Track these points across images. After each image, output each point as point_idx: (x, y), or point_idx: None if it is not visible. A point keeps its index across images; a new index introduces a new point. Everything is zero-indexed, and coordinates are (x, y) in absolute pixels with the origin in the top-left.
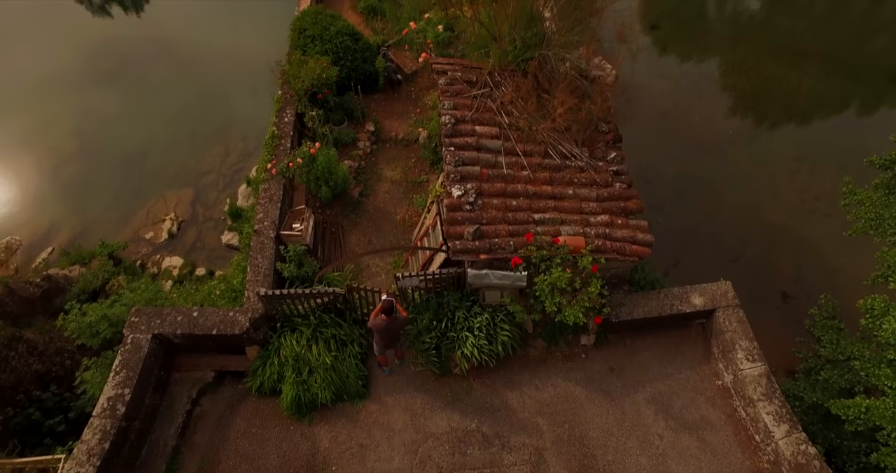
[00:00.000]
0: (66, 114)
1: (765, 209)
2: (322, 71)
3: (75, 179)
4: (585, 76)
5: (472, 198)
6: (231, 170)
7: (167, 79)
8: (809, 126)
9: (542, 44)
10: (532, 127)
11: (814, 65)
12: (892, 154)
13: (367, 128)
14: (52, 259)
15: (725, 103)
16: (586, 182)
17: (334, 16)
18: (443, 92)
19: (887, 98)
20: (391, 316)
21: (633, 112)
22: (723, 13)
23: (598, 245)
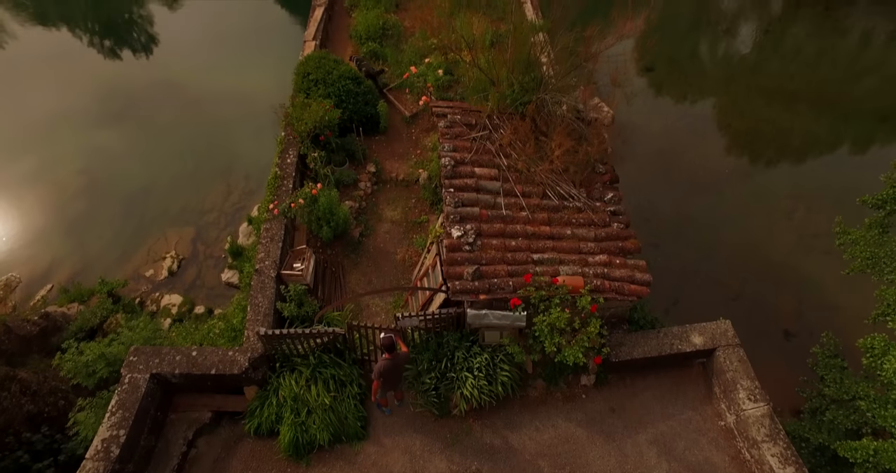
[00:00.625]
0: (74, 152)
1: (763, 247)
2: (325, 113)
3: (79, 217)
4: (582, 119)
5: (471, 238)
6: (233, 208)
7: (173, 120)
8: (804, 164)
9: (540, 88)
10: (530, 168)
11: (805, 105)
12: (883, 194)
13: (369, 169)
14: (50, 296)
15: (721, 142)
16: (584, 222)
17: (337, 60)
18: (443, 134)
19: (878, 137)
20: (393, 354)
21: (631, 151)
22: (715, 56)
23: (597, 285)
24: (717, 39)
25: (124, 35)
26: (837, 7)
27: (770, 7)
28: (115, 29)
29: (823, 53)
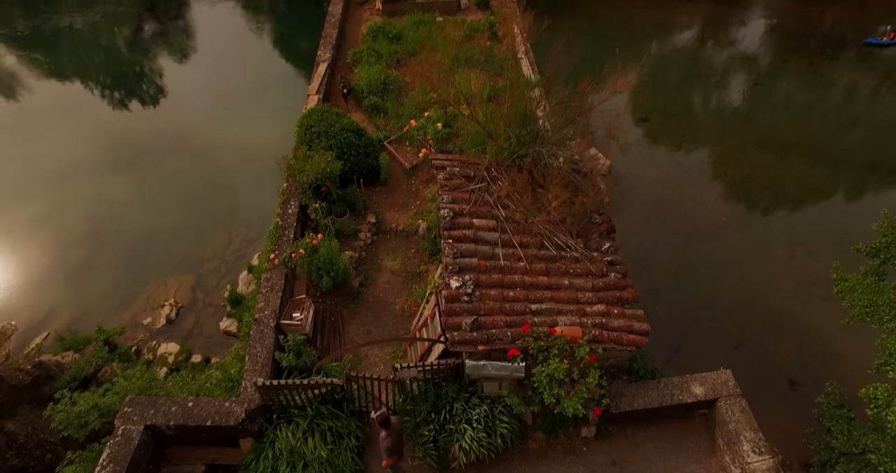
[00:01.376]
0: (80, 200)
1: (763, 294)
2: (326, 165)
3: (80, 264)
4: (578, 171)
5: (469, 289)
6: (233, 256)
7: (178, 169)
8: (800, 212)
9: (536, 141)
10: (528, 219)
11: (797, 155)
12: (876, 242)
13: (369, 219)
14: (46, 344)
15: (717, 191)
16: (582, 272)
17: (339, 114)
18: (442, 186)
19: (870, 185)
20: (389, 429)
21: (629, 200)
22: (708, 107)
23: (595, 335)
24: (709, 92)
25: (134, 87)
26: (821, 62)
27: (758, 62)
28: (126, 81)
29: (812, 105)
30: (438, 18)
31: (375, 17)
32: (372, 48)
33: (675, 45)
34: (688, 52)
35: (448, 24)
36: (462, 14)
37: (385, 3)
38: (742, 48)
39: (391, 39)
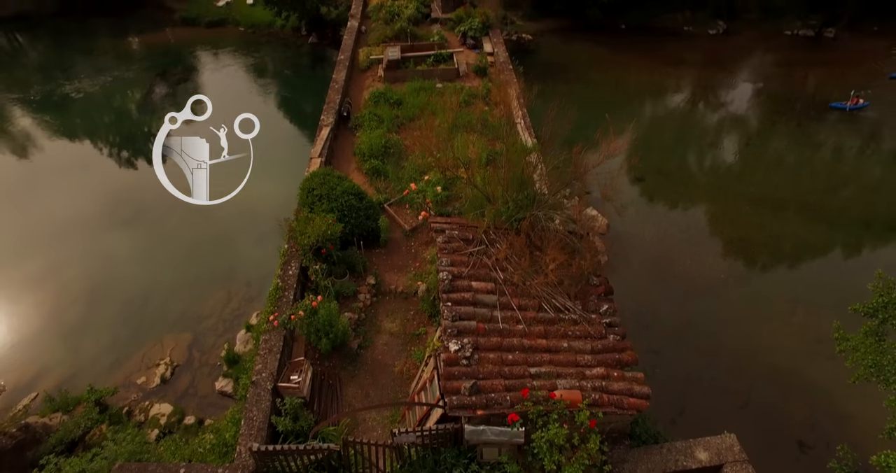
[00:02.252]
0: (79, 257)
1: (766, 352)
2: (327, 228)
3: (75, 322)
4: (574, 233)
5: (468, 352)
6: (232, 314)
7: (179, 227)
8: (798, 268)
9: (533, 205)
10: (526, 282)
11: (792, 212)
12: (873, 302)
13: (368, 281)
14: (34, 405)
15: (714, 248)
16: (580, 334)
17: (341, 177)
18: (441, 249)
19: (866, 242)
20: None
21: (627, 258)
22: (702, 167)
23: (595, 398)
24: (703, 152)
25: (141, 146)
26: (808, 123)
27: (748, 123)
28: (134, 141)
29: (803, 164)
30: (438, 85)
31: (377, 84)
32: (374, 113)
33: (668, 107)
34: (680, 113)
35: (447, 91)
36: (461, 81)
37: (387, 70)
38: (732, 110)
39: (392, 105)
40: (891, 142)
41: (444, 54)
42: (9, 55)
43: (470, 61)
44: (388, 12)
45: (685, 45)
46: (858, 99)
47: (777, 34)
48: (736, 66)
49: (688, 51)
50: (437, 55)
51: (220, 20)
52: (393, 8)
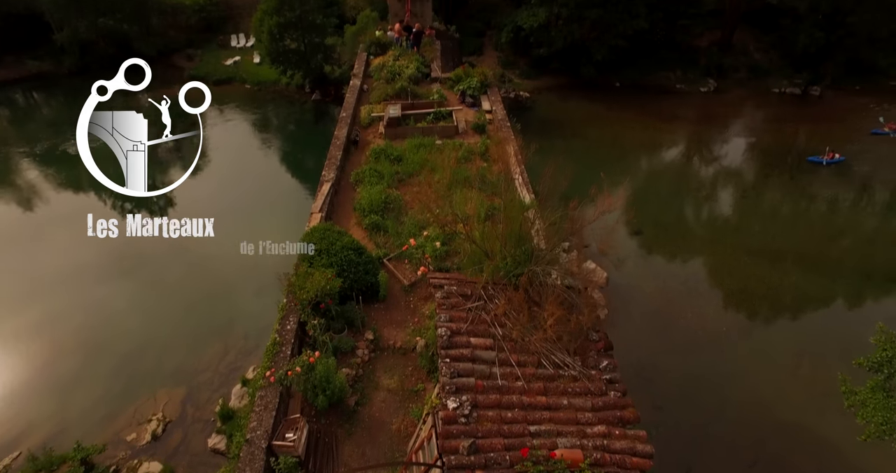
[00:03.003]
0: (75, 308)
1: (774, 406)
2: (326, 283)
3: (66, 376)
4: (572, 288)
5: (467, 410)
6: (228, 368)
7: (178, 278)
8: (801, 321)
9: (531, 260)
10: (525, 338)
11: (790, 263)
12: (877, 356)
13: (367, 336)
14: (16, 465)
15: (715, 300)
16: (580, 391)
17: (341, 232)
18: (439, 305)
19: (867, 293)
20: None
21: (628, 311)
22: (699, 219)
23: (597, 458)
24: (699, 204)
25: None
26: (801, 176)
27: (743, 176)
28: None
29: (798, 216)
30: (438, 142)
31: (378, 140)
32: (374, 169)
33: (664, 161)
34: (676, 167)
35: (447, 147)
36: (460, 137)
37: (388, 127)
38: (726, 163)
39: (393, 161)
40: (882, 194)
41: (444, 112)
42: (23, 111)
43: (469, 119)
44: (389, 72)
45: (678, 101)
46: (834, 154)
47: (766, 92)
48: (728, 121)
49: (681, 107)
50: (437, 113)
51: (228, 78)
52: (394, 67)
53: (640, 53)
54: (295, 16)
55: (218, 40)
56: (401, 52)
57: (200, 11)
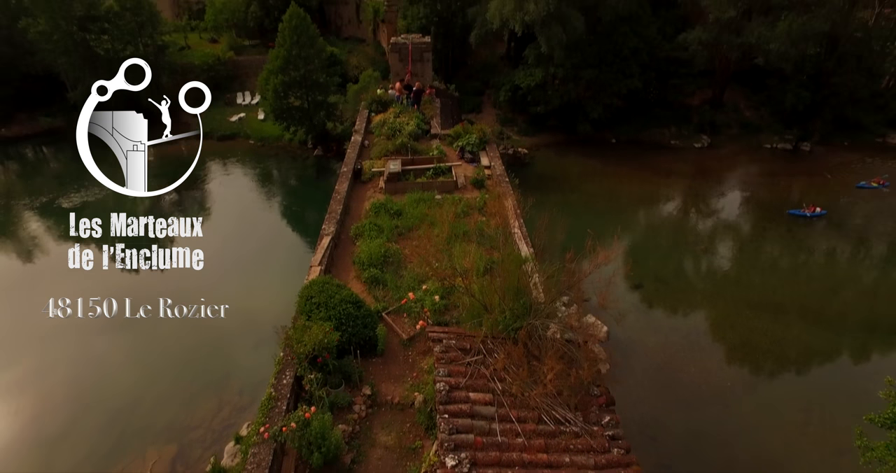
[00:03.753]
0: (67, 360)
1: (784, 464)
2: (324, 336)
3: (54, 431)
4: (572, 341)
5: (466, 468)
6: (221, 425)
7: (176, 331)
8: (808, 375)
9: (530, 313)
10: (525, 393)
11: (792, 316)
12: (889, 412)
13: (364, 391)
14: None
15: (718, 354)
16: (583, 448)
17: (340, 285)
18: (438, 359)
19: (873, 346)
20: None
21: (630, 366)
22: (699, 272)
23: None
24: (698, 258)
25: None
26: (797, 229)
27: (740, 229)
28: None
29: (798, 269)
30: (437, 197)
31: (378, 195)
32: (374, 223)
33: (661, 215)
34: (673, 221)
35: (446, 202)
36: (459, 192)
37: (388, 182)
38: (723, 217)
39: (392, 215)
40: (879, 247)
41: (443, 167)
42: (31, 166)
43: (468, 174)
44: (390, 128)
45: (673, 157)
46: (815, 207)
47: (758, 147)
48: (723, 176)
49: (676, 162)
50: (437, 168)
51: (232, 134)
52: (395, 124)
53: (635, 111)
54: (300, 75)
55: (225, 98)
56: (401, 109)
57: (209, 70)
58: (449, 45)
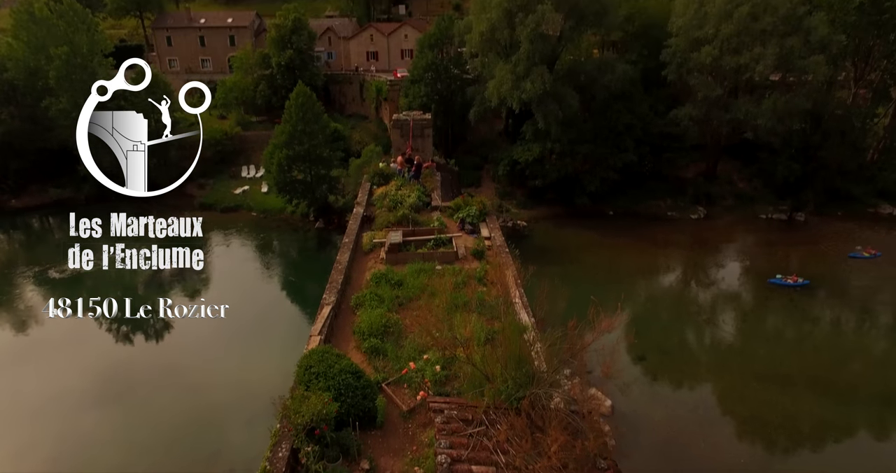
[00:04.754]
0: (53, 437)
1: None
2: (323, 407)
3: None
4: (576, 412)
5: None
6: None
7: (168, 405)
8: (824, 451)
9: (533, 383)
10: (529, 466)
11: (802, 388)
12: None
13: (363, 465)
14: None
15: (728, 429)
16: None
17: (339, 355)
18: (439, 430)
19: (891, 420)
20: None
21: (637, 441)
22: (702, 344)
23: None
24: (701, 329)
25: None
26: (799, 298)
27: (742, 299)
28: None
29: (804, 338)
30: (438, 267)
31: (379, 265)
32: (375, 293)
33: (661, 286)
34: (674, 292)
35: (447, 273)
36: (460, 263)
37: (389, 252)
38: (724, 287)
39: (393, 285)
40: (885, 317)
41: (444, 238)
42: (36, 236)
43: (468, 245)
44: (391, 200)
45: (671, 228)
46: (797, 277)
47: (753, 218)
48: (721, 246)
49: (674, 233)
50: (437, 239)
51: (236, 206)
52: (396, 196)
53: (631, 184)
54: (304, 149)
55: (230, 171)
56: (403, 182)
57: (216, 145)
58: (449, 121)
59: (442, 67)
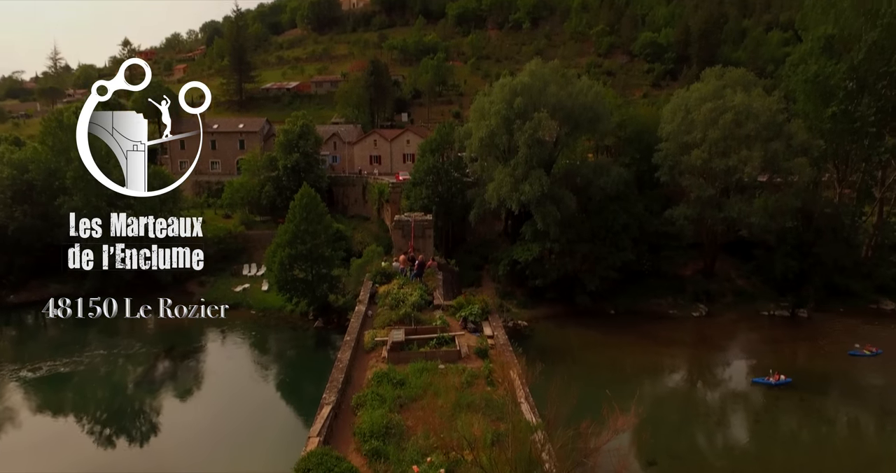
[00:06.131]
0: None
1: None
2: None
3: None
4: None
5: None
6: None
7: None
8: None
9: None
10: None
11: None
12: None
13: None
14: None
15: None
16: None
17: (339, 458)
18: None
19: None
20: None
21: None
22: (714, 448)
23: None
24: (712, 431)
25: (127, 424)
26: (811, 398)
27: (751, 399)
28: (121, 417)
29: (821, 441)
30: (440, 366)
31: (381, 364)
32: (376, 393)
33: (668, 386)
34: (681, 392)
35: (450, 372)
36: (463, 362)
37: (391, 351)
38: (732, 387)
39: (395, 385)
40: None
41: (447, 337)
42: (30, 332)
43: (471, 344)
44: (393, 299)
45: (673, 326)
46: (780, 375)
47: (755, 315)
48: (725, 344)
49: (676, 331)
50: (440, 338)
51: (235, 304)
52: (398, 295)
53: (631, 282)
54: (306, 248)
55: (232, 268)
56: (405, 281)
57: (219, 243)
58: (449, 222)
59: (443, 170)
